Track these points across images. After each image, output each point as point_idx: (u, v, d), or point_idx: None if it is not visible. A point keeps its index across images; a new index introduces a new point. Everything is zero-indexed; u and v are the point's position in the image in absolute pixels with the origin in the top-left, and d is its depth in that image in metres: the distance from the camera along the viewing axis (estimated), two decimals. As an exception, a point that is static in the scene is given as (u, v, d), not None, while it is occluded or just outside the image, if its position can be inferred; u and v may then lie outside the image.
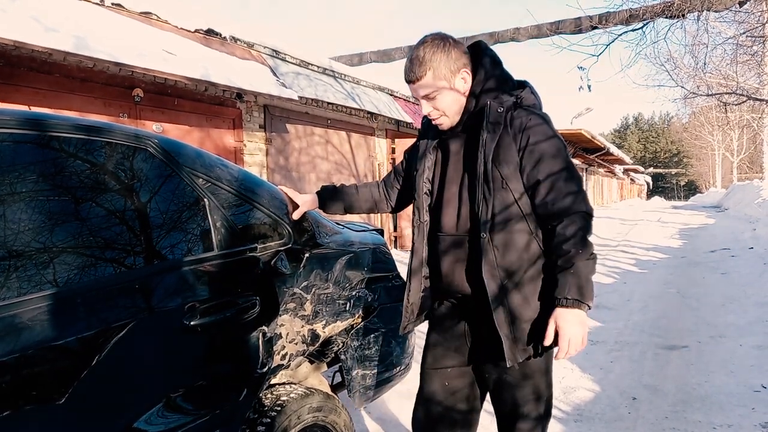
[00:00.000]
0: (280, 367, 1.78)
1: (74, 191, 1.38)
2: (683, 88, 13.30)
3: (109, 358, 1.29)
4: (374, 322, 2.15)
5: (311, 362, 2.14)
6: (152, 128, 5.22)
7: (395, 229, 9.67)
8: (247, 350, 1.64)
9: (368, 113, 8.50)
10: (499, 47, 9.35)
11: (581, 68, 8.73)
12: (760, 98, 12.49)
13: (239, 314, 1.62)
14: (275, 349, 1.74)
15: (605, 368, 3.71)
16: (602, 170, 31.26)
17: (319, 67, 7.75)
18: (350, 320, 2.07)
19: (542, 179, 1.49)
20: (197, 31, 5.84)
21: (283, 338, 1.78)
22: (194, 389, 1.51)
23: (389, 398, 3.05)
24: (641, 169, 47.58)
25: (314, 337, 1.92)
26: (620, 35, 8.48)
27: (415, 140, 1.82)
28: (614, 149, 26.02)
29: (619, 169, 35.53)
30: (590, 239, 1.48)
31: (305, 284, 1.87)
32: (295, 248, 1.88)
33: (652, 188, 60.31)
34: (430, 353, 1.71)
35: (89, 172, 1.43)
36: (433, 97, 1.55)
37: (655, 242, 11.14)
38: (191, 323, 1.48)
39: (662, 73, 12.44)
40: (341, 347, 2.06)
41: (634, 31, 8.45)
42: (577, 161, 23.03)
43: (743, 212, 16.09)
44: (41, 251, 1.26)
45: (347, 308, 2.05)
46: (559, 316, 1.43)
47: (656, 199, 43.51)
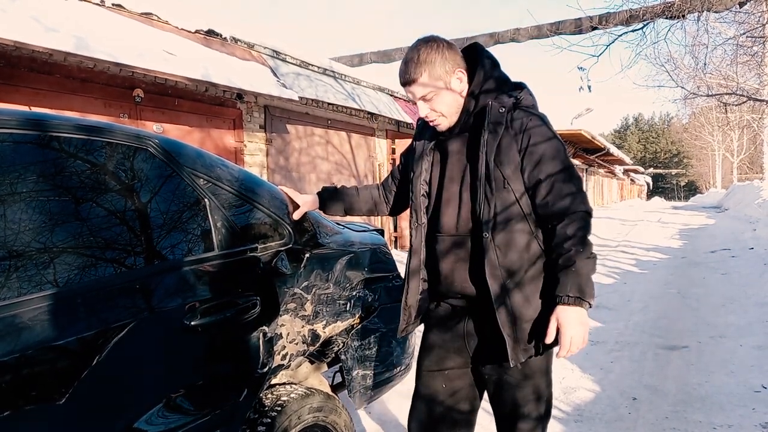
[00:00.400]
0: (280, 367, 1.78)
1: (75, 191, 1.38)
2: (683, 88, 13.30)
3: (109, 358, 1.29)
4: (374, 322, 2.16)
5: (311, 362, 2.14)
6: (153, 129, 5.22)
7: (395, 229, 9.67)
8: (247, 350, 1.64)
9: (368, 114, 8.50)
10: (499, 47, 9.36)
11: (581, 69, 8.72)
12: (760, 99, 12.49)
13: (240, 314, 1.62)
14: (275, 349, 1.74)
15: (605, 368, 3.71)
16: (602, 171, 31.26)
17: (319, 67, 7.75)
18: (350, 320, 2.07)
19: (542, 180, 1.50)
20: (198, 31, 5.84)
21: (283, 338, 1.78)
22: (194, 389, 1.51)
23: (389, 398, 3.05)
24: (641, 169, 47.58)
25: (314, 337, 1.92)
26: (620, 36, 8.49)
27: (410, 142, 1.82)
28: (614, 150, 26.02)
29: (619, 169, 35.54)
30: (590, 238, 1.49)
31: (306, 284, 1.87)
32: (295, 248, 1.88)
33: (652, 189, 60.30)
34: (429, 355, 1.70)
35: (90, 172, 1.43)
36: (429, 98, 1.55)
37: (655, 243, 11.14)
38: (192, 323, 1.48)
39: (662, 73, 12.42)
40: (341, 347, 2.06)
41: (634, 31, 8.45)
42: (577, 162, 23.03)
43: (743, 213, 16.08)
44: (42, 251, 1.26)
45: (348, 308, 2.05)
46: (560, 314, 1.44)
47: (656, 199, 43.51)
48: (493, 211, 1.50)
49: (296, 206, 1.93)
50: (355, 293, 2.09)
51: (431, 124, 1.62)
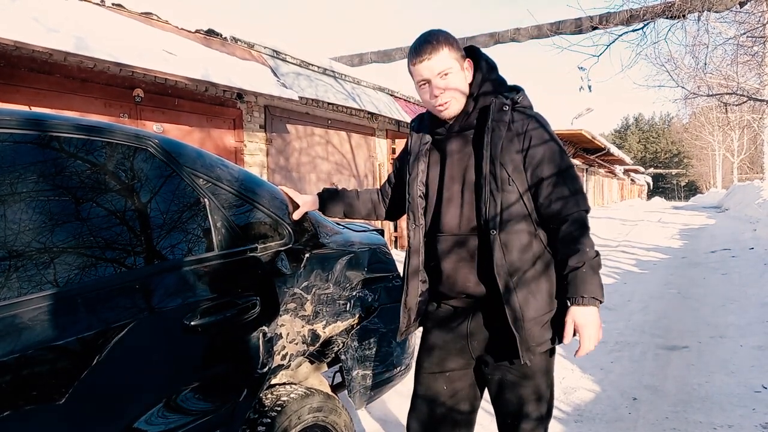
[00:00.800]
0: (280, 367, 1.78)
1: (75, 191, 1.38)
2: (684, 88, 13.32)
3: (109, 358, 1.29)
4: (374, 322, 2.15)
5: (311, 362, 2.14)
6: (153, 128, 5.22)
7: (395, 229, 9.67)
8: (247, 350, 1.64)
9: (368, 113, 8.50)
10: (499, 47, 9.37)
11: (582, 68, 8.74)
12: (760, 99, 12.49)
13: (239, 314, 1.61)
14: (275, 349, 1.74)
15: (606, 368, 3.71)
16: (603, 171, 31.25)
17: (319, 67, 7.75)
18: (350, 320, 2.07)
19: (543, 181, 1.52)
20: (198, 31, 5.84)
21: (283, 338, 1.78)
22: (194, 389, 1.50)
23: (389, 398, 3.05)
24: (641, 169, 47.57)
25: (314, 337, 1.92)
26: (621, 35, 8.49)
27: (404, 145, 1.81)
28: (615, 150, 26.01)
29: (619, 169, 35.53)
30: (591, 236, 1.54)
31: (305, 284, 1.87)
32: (295, 248, 1.88)
33: (652, 189, 60.32)
34: (429, 356, 1.69)
35: (90, 172, 1.43)
36: (447, 74, 1.54)
37: (655, 243, 11.14)
38: (191, 323, 1.48)
39: (663, 73, 12.44)
40: (341, 347, 2.06)
41: (634, 31, 8.46)
42: (577, 161, 23.03)
43: (744, 213, 16.08)
44: (42, 251, 1.26)
45: (347, 308, 2.05)
46: (577, 314, 1.48)
47: (656, 199, 43.50)
48: (498, 208, 1.51)
49: (296, 206, 1.93)
50: (355, 293, 2.09)
51: (441, 106, 1.57)
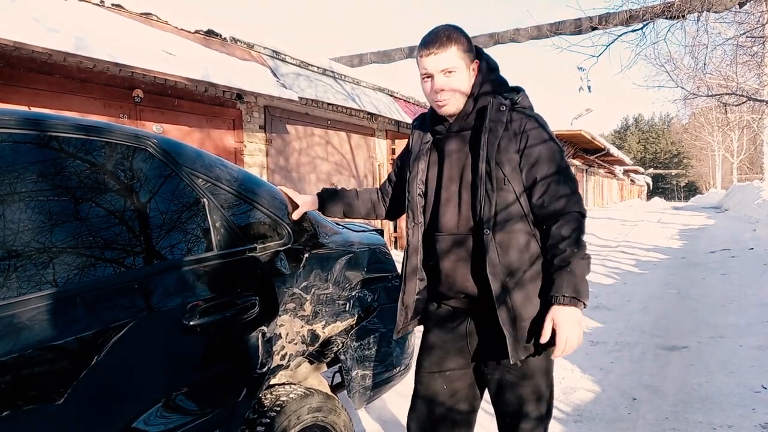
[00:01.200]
0: (279, 367, 1.78)
1: (74, 191, 1.38)
2: (683, 88, 13.33)
3: (108, 358, 1.29)
4: (374, 322, 2.15)
5: (311, 362, 2.14)
6: (152, 129, 5.22)
7: (395, 229, 9.67)
8: (246, 350, 1.64)
9: (368, 114, 8.50)
10: (499, 48, 9.38)
11: (581, 69, 8.74)
12: (760, 99, 12.48)
13: (239, 314, 1.61)
14: (275, 349, 1.74)
15: (605, 369, 3.71)
16: (602, 171, 31.27)
17: (319, 67, 7.75)
18: (350, 320, 2.07)
19: (538, 181, 1.52)
20: (197, 31, 5.84)
21: (282, 338, 1.77)
22: (193, 389, 1.50)
23: (389, 398, 3.05)
24: (641, 169, 47.60)
25: (314, 337, 1.91)
26: (620, 36, 8.49)
27: (406, 144, 1.82)
28: (614, 150, 26.02)
29: (619, 169, 35.55)
30: (584, 239, 1.51)
31: (305, 284, 1.87)
32: (294, 248, 1.88)
33: (652, 189, 60.35)
34: (429, 356, 1.70)
35: (89, 172, 1.43)
36: (451, 72, 1.55)
37: (655, 243, 11.14)
38: (191, 323, 1.48)
39: (662, 73, 12.44)
40: (341, 347, 2.06)
41: (633, 31, 8.46)
42: (577, 162, 23.04)
43: (743, 213, 16.09)
44: (41, 251, 1.26)
45: (347, 308, 2.05)
46: (556, 314, 1.45)
47: (656, 199, 43.53)
48: (493, 209, 1.50)
49: (295, 206, 1.94)
50: (354, 293, 2.09)
51: (441, 103, 1.59)
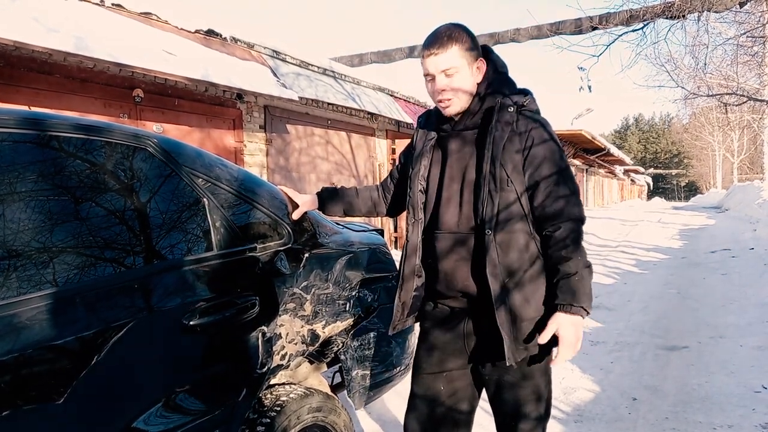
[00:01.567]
0: (279, 367, 1.78)
1: (74, 191, 1.38)
2: (684, 88, 13.31)
3: (108, 357, 1.29)
4: (374, 322, 2.15)
5: (311, 362, 2.14)
6: (153, 129, 5.22)
7: (395, 229, 9.67)
8: (246, 350, 1.64)
9: (368, 114, 8.50)
10: (499, 48, 9.36)
11: (581, 69, 8.74)
12: (760, 99, 12.48)
13: (239, 314, 1.61)
14: (275, 349, 1.74)
15: (605, 369, 3.71)
16: (603, 171, 31.26)
17: (319, 67, 7.75)
18: (350, 320, 2.07)
19: (539, 182, 1.52)
20: (197, 31, 5.84)
21: (282, 338, 1.77)
22: (193, 389, 1.50)
23: (389, 398, 3.05)
24: (641, 169, 47.59)
25: (314, 337, 1.91)
26: (620, 36, 8.49)
27: (410, 140, 1.82)
28: (615, 150, 26.01)
29: (619, 169, 35.54)
30: (583, 246, 1.52)
31: (305, 284, 1.87)
32: (294, 248, 1.87)
33: (652, 189, 60.34)
34: (428, 356, 1.69)
35: (89, 171, 1.43)
36: (451, 73, 1.55)
37: (655, 243, 11.14)
38: (191, 323, 1.48)
39: (663, 73, 12.42)
40: (341, 347, 2.06)
41: (634, 31, 8.45)
42: (577, 162, 23.03)
43: (744, 213, 16.08)
44: (41, 251, 1.26)
45: (347, 308, 2.05)
46: (561, 321, 1.47)
47: (656, 199, 43.52)
48: (495, 209, 1.50)
49: (295, 206, 1.93)
50: (354, 293, 2.09)
51: (442, 103, 1.59)
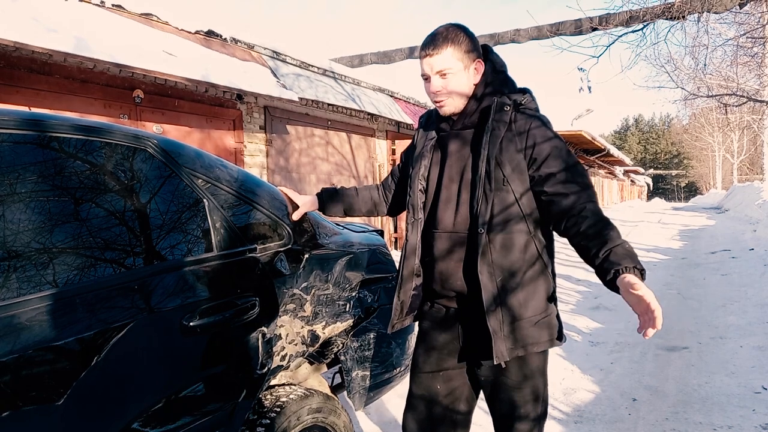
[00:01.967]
0: (279, 368, 1.78)
1: (74, 192, 1.38)
2: (683, 89, 13.29)
3: (108, 358, 1.29)
4: (374, 323, 2.15)
5: (311, 363, 2.14)
6: (153, 129, 5.22)
7: (395, 230, 9.67)
8: (246, 351, 1.64)
9: (368, 114, 8.50)
10: (499, 48, 9.35)
11: (581, 69, 8.73)
12: (760, 99, 12.48)
13: (239, 315, 1.61)
14: (275, 350, 1.74)
15: (605, 369, 3.71)
16: (602, 171, 31.25)
17: (319, 68, 7.76)
18: (350, 321, 2.07)
19: (551, 177, 1.49)
20: (198, 32, 5.85)
21: (282, 339, 1.77)
22: (193, 390, 1.50)
23: (389, 399, 3.05)
24: (641, 170, 47.57)
25: (314, 338, 1.91)
26: (620, 36, 8.48)
27: (411, 140, 1.82)
28: (615, 150, 26.00)
29: (619, 170, 35.52)
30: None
31: (305, 285, 1.87)
32: (294, 249, 1.87)
33: (652, 189, 60.34)
34: (425, 356, 1.69)
35: (89, 172, 1.43)
36: (446, 74, 1.55)
37: (655, 243, 11.13)
38: (190, 324, 1.48)
39: (662, 74, 12.45)
40: (341, 348, 2.06)
41: (634, 32, 8.45)
42: (577, 162, 22.96)
43: (744, 213, 16.08)
44: (40, 252, 1.26)
45: (347, 309, 2.05)
46: (635, 282, 1.27)
47: (656, 200, 43.50)
48: (490, 209, 1.49)
49: (295, 207, 1.93)
50: (354, 294, 2.09)
51: (438, 103, 1.60)
